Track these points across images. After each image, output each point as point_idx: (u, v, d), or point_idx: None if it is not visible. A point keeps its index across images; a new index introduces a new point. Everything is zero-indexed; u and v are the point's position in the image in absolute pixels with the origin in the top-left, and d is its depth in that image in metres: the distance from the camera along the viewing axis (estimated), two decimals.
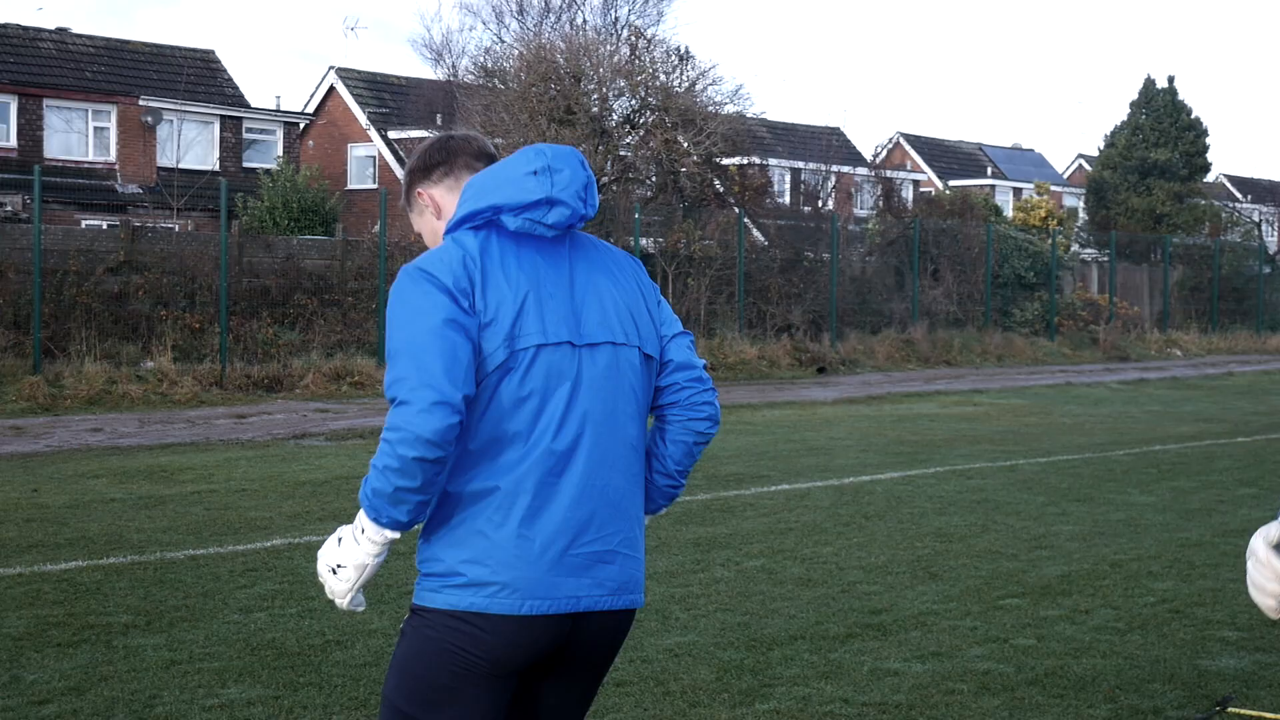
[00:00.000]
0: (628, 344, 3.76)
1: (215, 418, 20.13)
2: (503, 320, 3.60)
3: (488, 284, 3.62)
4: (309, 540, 10.87)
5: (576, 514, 3.64)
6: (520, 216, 3.68)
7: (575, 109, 31.07)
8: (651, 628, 8.26)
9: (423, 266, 3.62)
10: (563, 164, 3.71)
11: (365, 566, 3.66)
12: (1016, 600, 9.15)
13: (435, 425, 3.43)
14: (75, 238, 25.56)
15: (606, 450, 3.70)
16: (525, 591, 3.57)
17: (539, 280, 3.68)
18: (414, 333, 3.51)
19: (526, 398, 3.61)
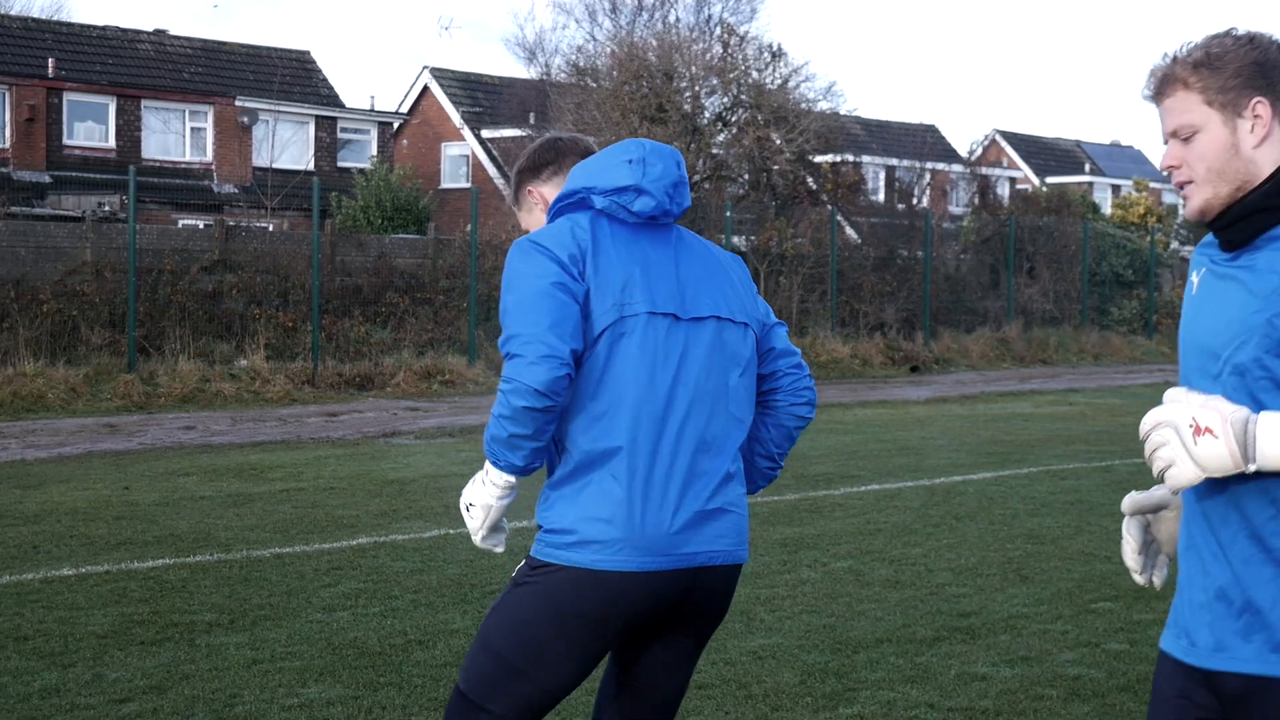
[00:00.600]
0: (732, 320, 3.96)
1: (307, 416, 20.23)
2: (611, 286, 3.82)
3: (598, 253, 3.84)
4: (394, 539, 10.85)
5: (690, 474, 3.83)
6: (608, 198, 3.91)
7: (667, 107, 30.98)
8: (735, 629, 8.16)
9: (534, 239, 3.88)
10: (657, 159, 3.95)
11: (490, 507, 3.90)
12: (1109, 604, 8.97)
13: (544, 376, 3.67)
14: (170, 237, 25.79)
15: (715, 415, 3.90)
16: (645, 548, 3.75)
17: (646, 258, 3.90)
18: (523, 294, 3.76)
19: (638, 363, 3.82)
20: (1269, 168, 3.09)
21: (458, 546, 10.53)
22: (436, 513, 12.10)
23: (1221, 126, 3.08)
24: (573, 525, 3.78)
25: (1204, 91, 3.11)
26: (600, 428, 3.79)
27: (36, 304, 22.79)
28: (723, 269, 4.04)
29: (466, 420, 19.90)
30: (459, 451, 16.53)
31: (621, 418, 3.79)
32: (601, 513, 3.77)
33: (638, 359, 3.82)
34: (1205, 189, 3.11)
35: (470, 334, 26.05)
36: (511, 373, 3.71)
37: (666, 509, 3.79)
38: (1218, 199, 3.11)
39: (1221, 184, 3.09)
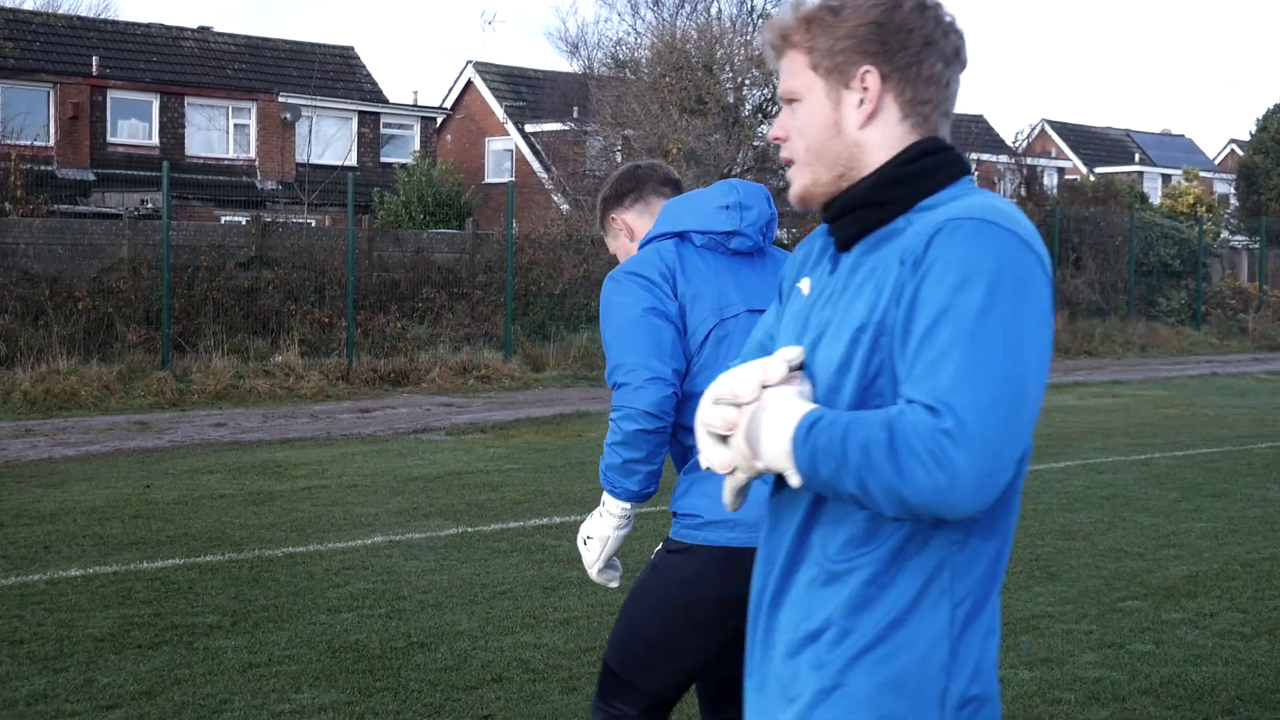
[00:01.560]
0: None
1: (339, 412, 20.09)
2: (706, 296, 4.09)
3: (686, 269, 4.12)
4: (410, 538, 10.68)
5: None
6: (706, 237, 4.21)
7: (706, 99, 30.72)
8: None
9: (624, 268, 4.16)
10: (752, 202, 4.24)
11: (608, 539, 4.14)
12: (1137, 602, 8.70)
13: (652, 398, 3.93)
14: (207, 234, 25.69)
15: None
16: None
17: (733, 268, 4.18)
18: (621, 324, 4.04)
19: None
20: (878, 153, 2.50)
21: (474, 545, 10.35)
22: (457, 510, 11.92)
23: (824, 98, 2.51)
24: (706, 510, 3.95)
25: (810, 54, 2.54)
26: None
27: (72, 301, 22.73)
28: None
29: (500, 416, 19.72)
30: (488, 448, 16.35)
31: None
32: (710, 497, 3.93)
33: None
34: (804, 172, 2.55)
35: (507, 329, 25.86)
36: (621, 400, 3.97)
37: None
38: (818, 186, 2.55)
39: (821, 168, 2.54)
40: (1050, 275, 2.42)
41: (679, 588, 3.99)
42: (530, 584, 9.07)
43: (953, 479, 2.22)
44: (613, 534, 4.14)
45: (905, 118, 2.51)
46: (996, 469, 2.25)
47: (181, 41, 45.33)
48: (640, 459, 3.97)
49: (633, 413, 3.93)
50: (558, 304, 27.61)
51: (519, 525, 11.21)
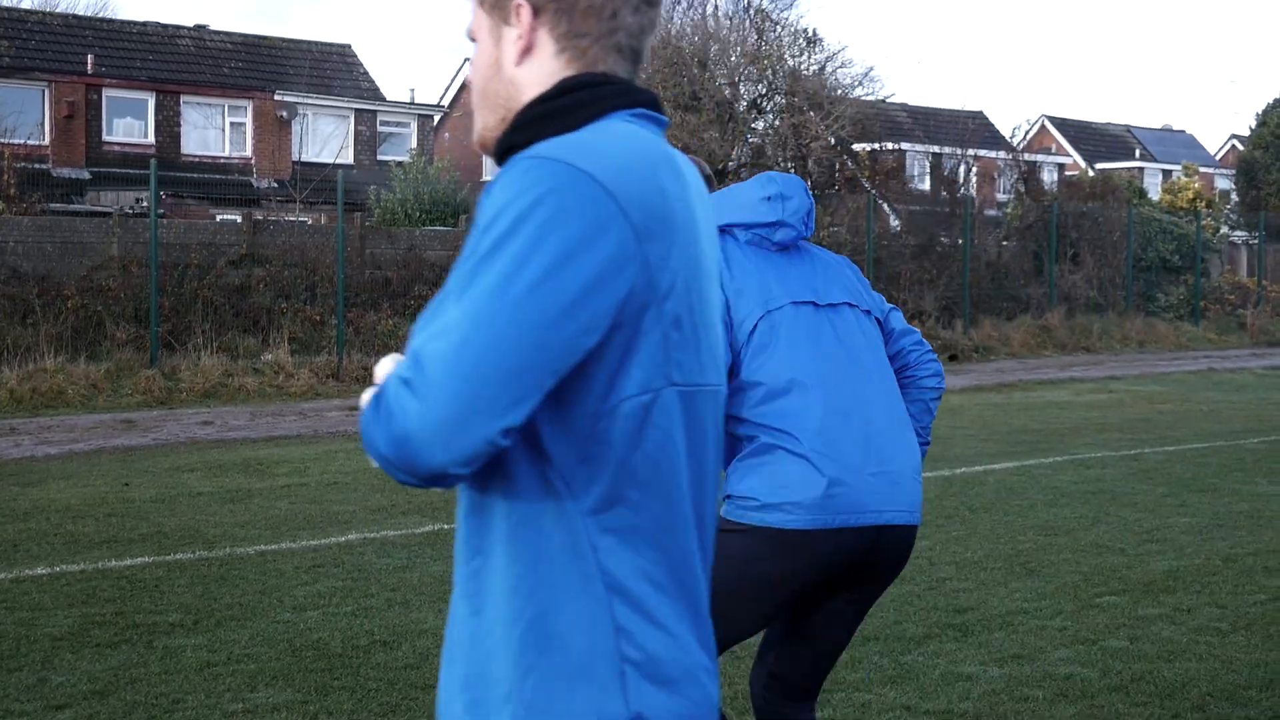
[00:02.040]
0: (859, 306, 4.37)
1: (328, 410, 19.98)
2: (750, 290, 4.24)
3: (731, 266, 4.27)
4: (385, 535, 10.57)
5: (858, 442, 4.13)
6: (751, 232, 4.37)
7: (700, 95, 30.61)
8: None
9: None
10: (792, 192, 4.40)
11: None
12: (1115, 598, 8.59)
13: None
14: (197, 232, 25.60)
15: (870, 387, 4.24)
16: (828, 509, 4.05)
17: (775, 263, 4.35)
18: None
19: (792, 348, 4.20)
20: (530, 91, 2.31)
21: (448, 542, 10.24)
22: (435, 507, 11.80)
23: (488, 36, 2.35)
24: (757, 492, 4.09)
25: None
26: (766, 410, 4.13)
27: (61, 300, 22.63)
28: (838, 269, 4.47)
29: None
30: None
31: (784, 399, 4.14)
32: (786, 479, 4.07)
33: (789, 345, 4.20)
34: (477, 116, 2.39)
35: None
36: None
37: (839, 475, 4.07)
38: (488, 130, 2.37)
39: (487, 110, 2.37)
40: (632, 223, 2.15)
41: (728, 565, 4.04)
42: None
43: (405, 429, 2.02)
44: None
45: (560, 52, 2.31)
46: (461, 418, 2.02)
47: (178, 40, 45.25)
48: None
49: None
50: None
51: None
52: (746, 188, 4.40)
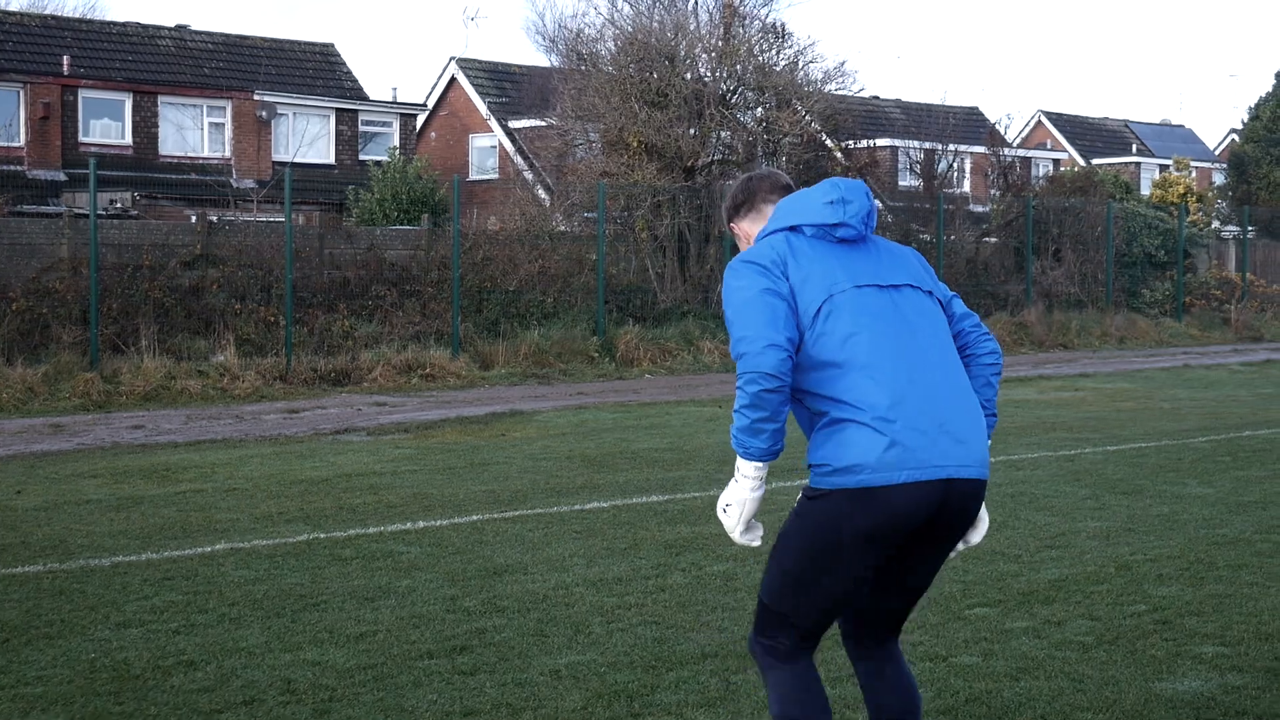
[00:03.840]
0: (921, 288, 4.75)
1: (267, 413, 19.59)
2: (815, 276, 4.60)
3: (797, 256, 4.65)
4: (255, 545, 10.17)
5: (921, 407, 4.52)
6: (816, 228, 4.72)
7: (667, 90, 30.16)
8: (554, 644, 7.42)
9: (741, 258, 4.73)
10: (853, 196, 4.75)
11: (745, 502, 4.64)
12: (986, 610, 8.16)
13: (771, 361, 4.44)
14: (150, 232, 25.25)
15: (932, 357, 4.62)
16: (888, 467, 4.44)
17: (839, 253, 4.70)
18: (739, 304, 4.59)
19: (856, 326, 4.57)
20: None
21: (317, 552, 9.85)
22: (324, 515, 11.42)
23: None
24: (830, 459, 4.49)
25: None
26: (836, 384, 4.52)
27: (6, 302, 22.29)
28: (903, 256, 4.84)
29: (430, 415, 19.22)
30: (398, 449, 15.85)
31: (853, 374, 4.51)
32: (854, 444, 4.46)
33: (854, 319, 4.57)
34: None
35: (454, 326, 25.34)
36: (744, 367, 4.48)
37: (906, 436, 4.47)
38: None
39: None
40: None
41: (816, 528, 4.54)
42: (350, 594, 8.56)
43: None
44: (749, 497, 4.63)
45: None
46: None
47: (158, 40, 44.87)
48: (766, 418, 4.47)
49: (756, 375, 4.44)
50: (512, 300, 27.10)
51: (377, 531, 10.70)
52: (813, 193, 4.77)
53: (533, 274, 27.51)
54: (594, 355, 26.03)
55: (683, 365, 26.68)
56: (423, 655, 7.25)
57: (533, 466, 14.31)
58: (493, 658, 7.21)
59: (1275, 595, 8.47)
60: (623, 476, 13.60)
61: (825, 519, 4.53)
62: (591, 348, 26.14)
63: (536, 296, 27.35)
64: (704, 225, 30.47)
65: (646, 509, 11.66)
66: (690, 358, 27.00)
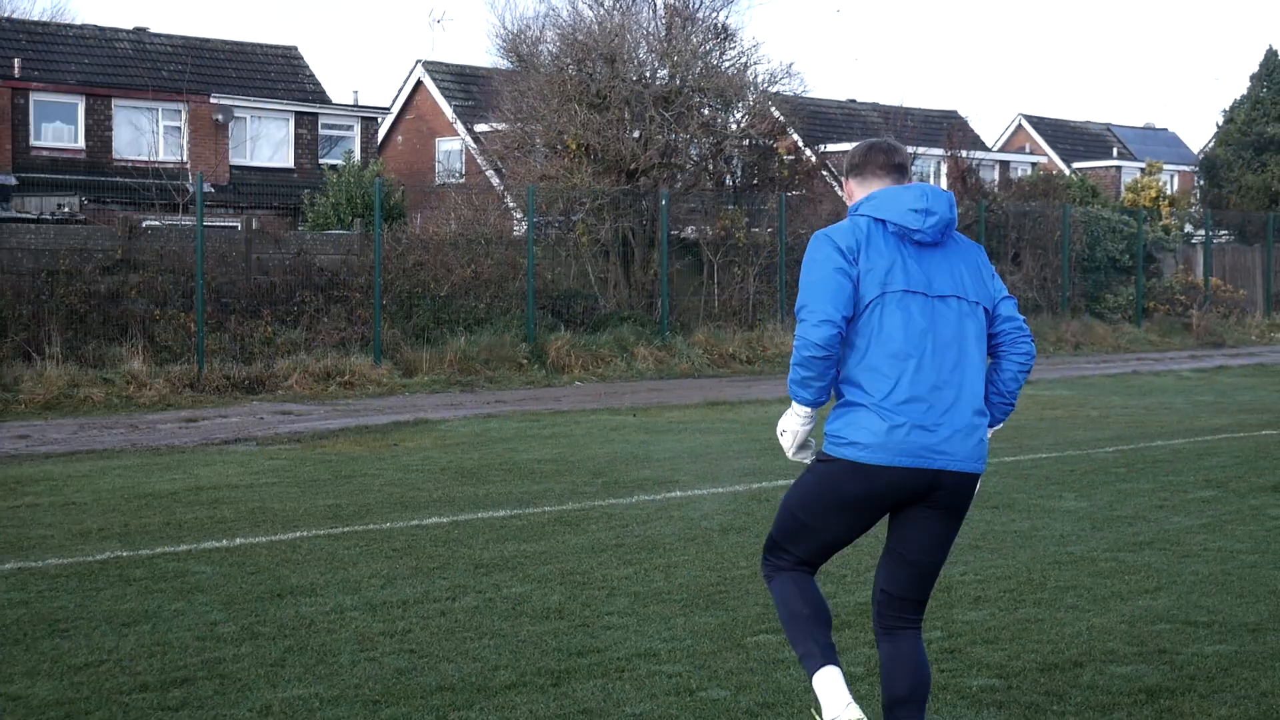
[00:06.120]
0: (966, 299, 5.35)
1: (165, 422, 19.07)
2: (877, 272, 5.26)
3: (870, 249, 5.29)
4: (46, 564, 9.67)
5: (927, 404, 5.22)
6: (896, 226, 5.34)
7: (606, 92, 29.64)
8: (286, 676, 6.93)
9: (826, 233, 5.38)
10: (936, 209, 5.35)
11: (797, 432, 5.44)
12: (770, 636, 7.65)
13: (822, 335, 5.21)
14: (68, 236, 24.73)
15: (949, 364, 5.26)
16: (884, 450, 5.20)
17: (905, 255, 5.32)
18: (814, 274, 5.29)
19: (892, 325, 5.24)
20: None
21: (105, 573, 9.35)
22: (149, 531, 10.92)
23: None
24: (843, 434, 5.27)
25: None
26: (863, 370, 5.25)
27: None
28: (962, 263, 5.40)
29: (330, 424, 18.71)
30: (271, 460, 15.35)
31: (881, 362, 5.24)
32: (861, 424, 5.23)
33: (893, 319, 5.24)
34: None
35: (376, 332, 24.83)
36: (801, 332, 5.24)
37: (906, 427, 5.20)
38: None
39: None
40: None
41: (819, 484, 5.36)
42: (108, 619, 8.06)
43: None
44: (800, 428, 5.43)
45: None
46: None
47: (115, 43, 44.40)
48: (812, 377, 5.27)
49: (807, 343, 5.21)
50: (444, 306, 26.58)
51: (186, 549, 10.20)
52: (904, 196, 5.35)
53: (465, 279, 27.01)
54: (523, 362, 25.52)
55: (615, 372, 26.17)
56: (136, 689, 6.75)
57: (399, 479, 13.81)
58: (210, 691, 6.71)
59: (1086, 620, 7.97)
60: (485, 489, 13.10)
61: (829, 480, 5.32)
62: (520, 354, 25.63)
63: (469, 302, 26.84)
64: (648, 229, 29.95)
65: (484, 524, 11.16)
66: (623, 364, 26.48)
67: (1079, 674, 6.94)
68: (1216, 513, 11.57)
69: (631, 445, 16.45)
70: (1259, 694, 6.64)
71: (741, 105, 31.35)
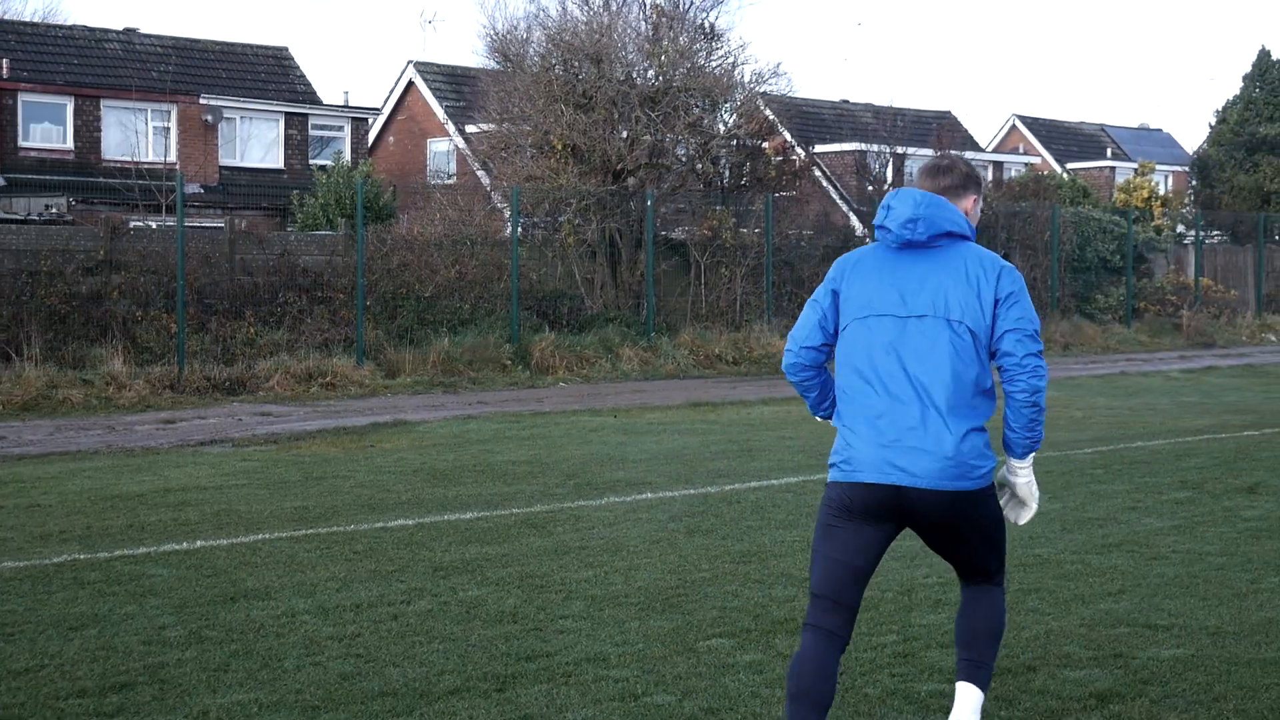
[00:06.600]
0: (947, 318, 5.32)
1: (142, 423, 18.98)
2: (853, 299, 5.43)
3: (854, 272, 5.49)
4: (4, 566, 9.57)
5: (890, 424, 5.29)
6: (877, 231, 5.52)
7: (591, 92, 29.55)
8: (229, 681, 6.83)
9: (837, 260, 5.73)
10: (897, 204, 5.43)
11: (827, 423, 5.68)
12: (724, 640, 7.56)
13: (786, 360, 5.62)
14: (50, 237, 24.63)
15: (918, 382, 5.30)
16: (849, 468, 5.35)
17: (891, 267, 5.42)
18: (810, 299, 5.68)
19: (863, 349, 5.38)
20: None
21: (60, 576, 9.25)
22: (105, 535, 10.82)
23: None
24: (831, 454, 5.48)
25: None
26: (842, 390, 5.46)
27: None
28: (954, 277, 5.36)
29: (308, 426, 18.61)
30: (244, 461, 15.26)
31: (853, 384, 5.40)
32: (838, 445, 5.45)
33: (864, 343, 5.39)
34: None
35: (358, 333, 24.74)
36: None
37: (873, 447, 5.29)
38: None
39: None
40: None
41: (821, 509, 5.48)
42: (56, 623, 7.96)
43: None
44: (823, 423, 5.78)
45: None
46: None
47: (104, 44, 44.31)
48: (800, 392, 5.67)
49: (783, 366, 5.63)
50: (428, 307, 26.49)
51: (145, 552, 10.10)
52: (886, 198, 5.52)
53: (450, 280, 26.92)
54: (507, 363, 25.43)
55: (600, 373, 26.08)
56: (74, 694, 6.65)
57: (370, 481, 13.72)
58: (149, 697, 6.61)
59: (1045, 624, 7.89)
60: (455, 491, 13.01)
61: (823, 502, 5.47)
62: (505, 355, 25.54)
63: (454, 303, 26.74)
64: (635, 230, 29.85)
65: (450, 527, 11.07)
66: (608, 365, 26.40)
67: (1031, 678, 6.85)
68: (1189, 514, 11.49)
69: (608, 447, 16.35)
70: (1211, 698, 6.55)
71: (729, 105, 31.24)
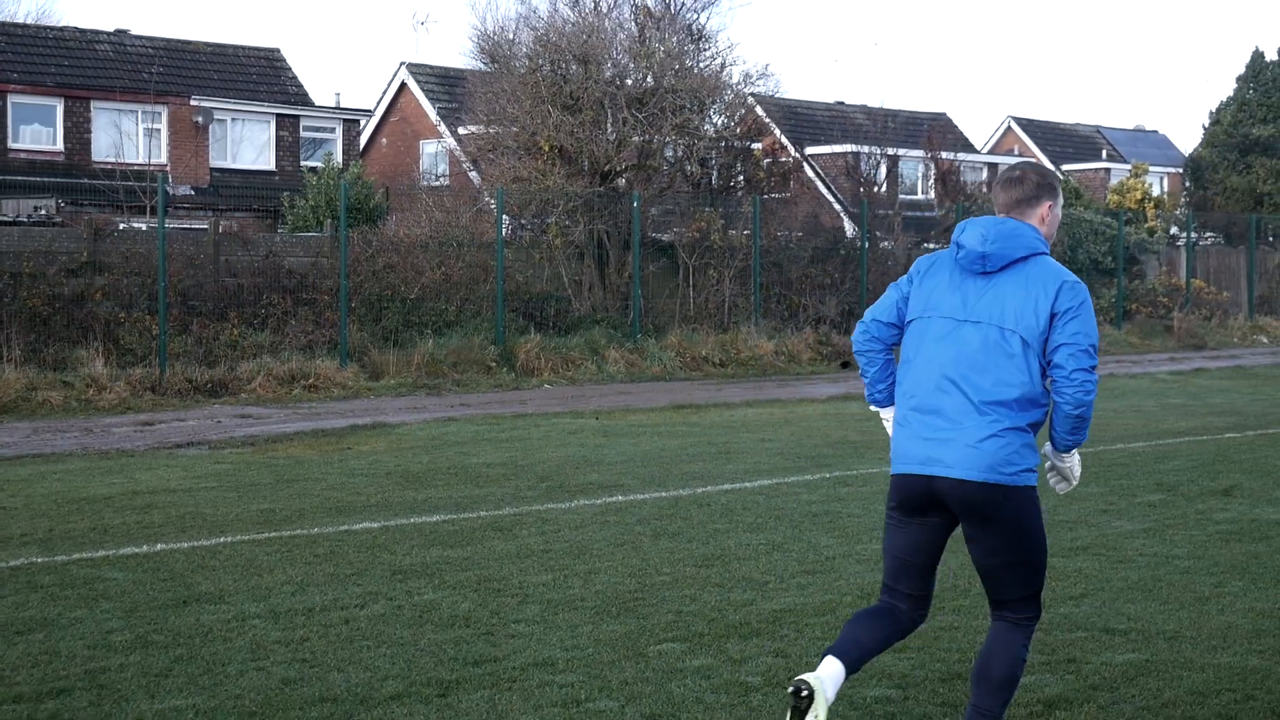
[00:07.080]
0: (1002, 326, 5.56)
1: (120, 426, 18.88)
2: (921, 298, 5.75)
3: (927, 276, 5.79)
4: None
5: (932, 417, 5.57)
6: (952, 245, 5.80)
7: (579, 94, 29.47)
8: (168, 687, 6.75)
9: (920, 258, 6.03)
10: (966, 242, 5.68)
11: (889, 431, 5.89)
12: (675, 645, 7.48)
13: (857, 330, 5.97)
14: (33, 238, 24.54)
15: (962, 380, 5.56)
16: (896, 459, 5.68)
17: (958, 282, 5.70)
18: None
19: (919, 345, 5.70)
20: None
21: (14, 580, 9.17)
22: (66, 538, 10.73)
23: None
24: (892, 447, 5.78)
25: None
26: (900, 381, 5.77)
27: None
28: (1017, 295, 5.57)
29: (287, 428, 18.52)
30: (217, 464, 15.17)
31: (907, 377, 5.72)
32: (894, 439, 5.75)
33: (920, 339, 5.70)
34: None
35: (342, 335, 24.64)
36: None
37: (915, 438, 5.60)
38: None
39: None
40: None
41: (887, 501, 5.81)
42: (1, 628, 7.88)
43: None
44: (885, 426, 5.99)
45: None
46: None
47: (95, 45, 44.21)
48: (864, 367, 5.95)
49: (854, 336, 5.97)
50: (413, 309, 26.40)
51: (103, 555, 10.01)
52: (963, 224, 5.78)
53: (436, 281, 26.83)
54: (491, 365, 25.34)
55: (585, 375, 25.99)
56: (10, 700, 6.57)
57: (341, 483, 13.63)
58: (85, 703, 6.53)
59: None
60: (426, 494, 12.92)
61: (887, 495, 5.79)
62: (489, 357, 25.45)
63: (439, 305, 26.66)
64: (623, 231, 29.76)
65: (415, 529, 10.99)
66: (594, 367, 26.30)
67: None
68: (1160, 517, 11.42)
69: (586, 449, 16.26)
70: (1161, 704, 6.47)
71: (717, 107, 31.16)
